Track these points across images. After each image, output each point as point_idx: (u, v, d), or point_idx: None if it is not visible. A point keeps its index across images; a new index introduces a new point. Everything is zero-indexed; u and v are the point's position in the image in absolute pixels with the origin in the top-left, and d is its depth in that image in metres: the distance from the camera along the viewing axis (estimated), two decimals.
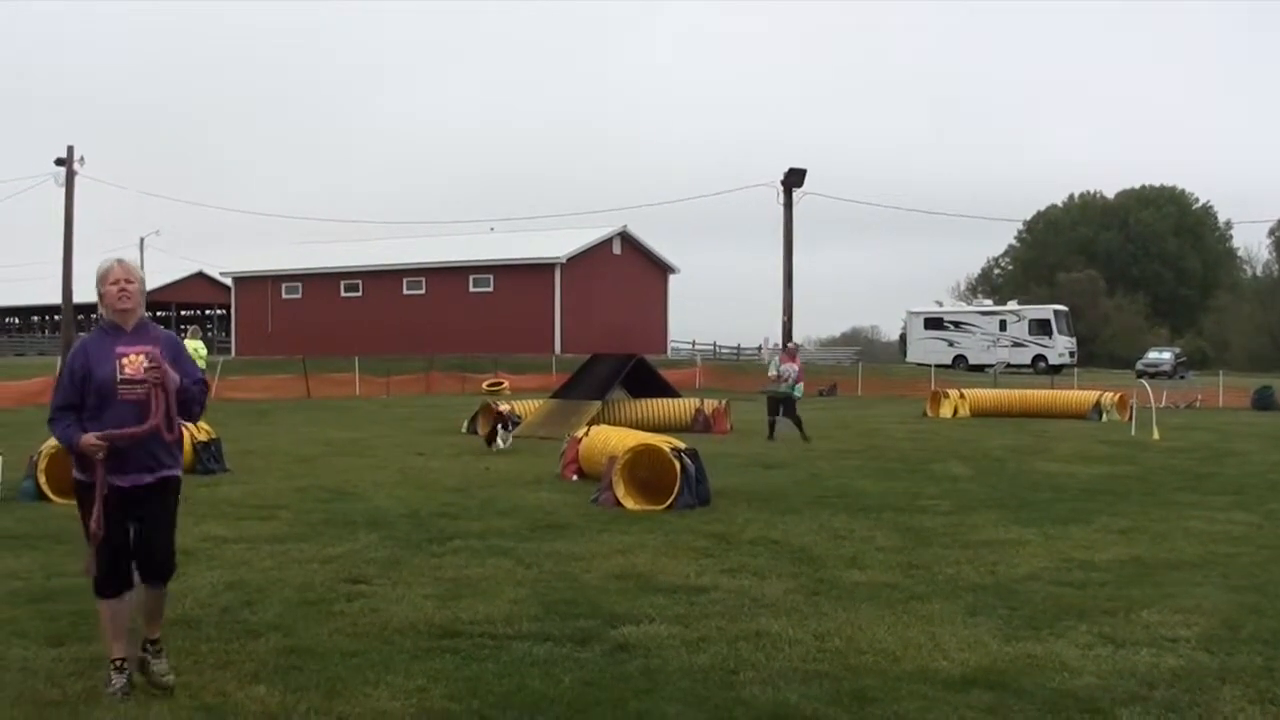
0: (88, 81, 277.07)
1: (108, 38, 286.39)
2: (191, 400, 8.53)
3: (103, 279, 8.39)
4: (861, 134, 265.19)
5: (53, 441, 18.27)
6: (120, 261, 8.46)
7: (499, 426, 27.89)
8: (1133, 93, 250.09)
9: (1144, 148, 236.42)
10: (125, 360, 8.13)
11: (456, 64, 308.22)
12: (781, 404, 31.61)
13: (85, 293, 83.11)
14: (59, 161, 68.21)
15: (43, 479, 17.83)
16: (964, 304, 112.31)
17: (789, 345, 36.19)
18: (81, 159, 68.37)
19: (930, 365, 76.28)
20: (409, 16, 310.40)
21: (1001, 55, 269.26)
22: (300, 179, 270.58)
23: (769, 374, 32.93)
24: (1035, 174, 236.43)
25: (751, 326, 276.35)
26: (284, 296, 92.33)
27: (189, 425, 21.82)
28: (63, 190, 68.02)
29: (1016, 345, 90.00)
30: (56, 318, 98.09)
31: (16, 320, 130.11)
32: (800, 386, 32.24)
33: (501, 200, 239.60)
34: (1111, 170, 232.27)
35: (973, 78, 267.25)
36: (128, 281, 8.36)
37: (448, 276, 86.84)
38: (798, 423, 30.94)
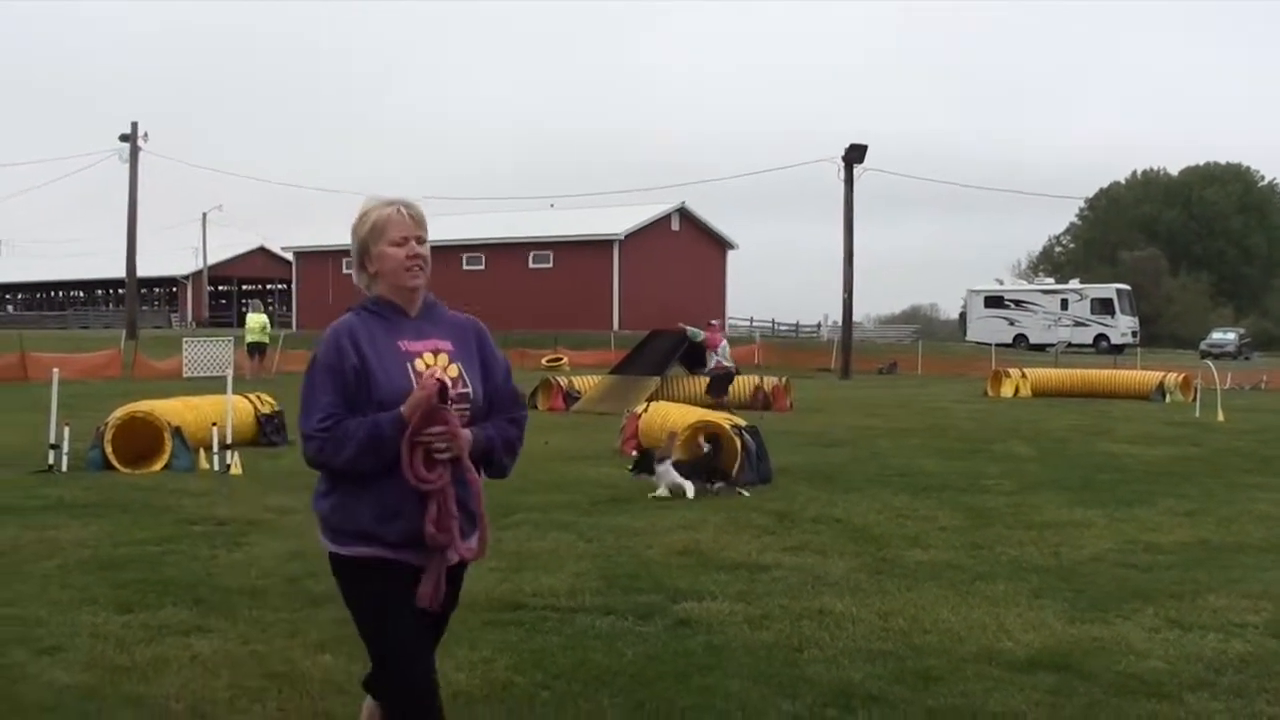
0: (152, 58, 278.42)
1: (171, 12, 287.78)
2: (511, 442, 5.72)
3: (375, 231, 5.57)
4: (924, 109, 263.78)
5: (119, 412, 18.51)
6: (404, 206, 5.60)
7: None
8: (1197, 69, 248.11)
9: (1208, 124, 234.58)
10: (418, 363, 5.40)
11: (514, 40, 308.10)
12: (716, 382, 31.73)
13: (148, 267, 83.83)
14: (123, 137, 68.68)
15: (109, 449, 17.99)
16: (1025, 282, 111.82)
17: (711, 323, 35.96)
18: (145, 135, 68.84)
19: (990, 344, 75.89)
20: None
21: (1064, 29, 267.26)
22: (361, 155, 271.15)
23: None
24: (1097, 151, 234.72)
25: (810, 304, 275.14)
26: (344, 271, 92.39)
27: (251, 397, 22.09)
28: (127, 165, 68.45)
29: (1078, 324, 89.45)
30: (120, 291, 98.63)
31: (81, 294, 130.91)
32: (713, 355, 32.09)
33: (561, 177, 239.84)
34: (1175, 147, 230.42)
35: (1035, 52, 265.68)
36: (419, 240, 5.59)
37: (507, 253, 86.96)
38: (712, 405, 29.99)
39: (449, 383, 5.26)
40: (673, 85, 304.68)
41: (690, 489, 15.95)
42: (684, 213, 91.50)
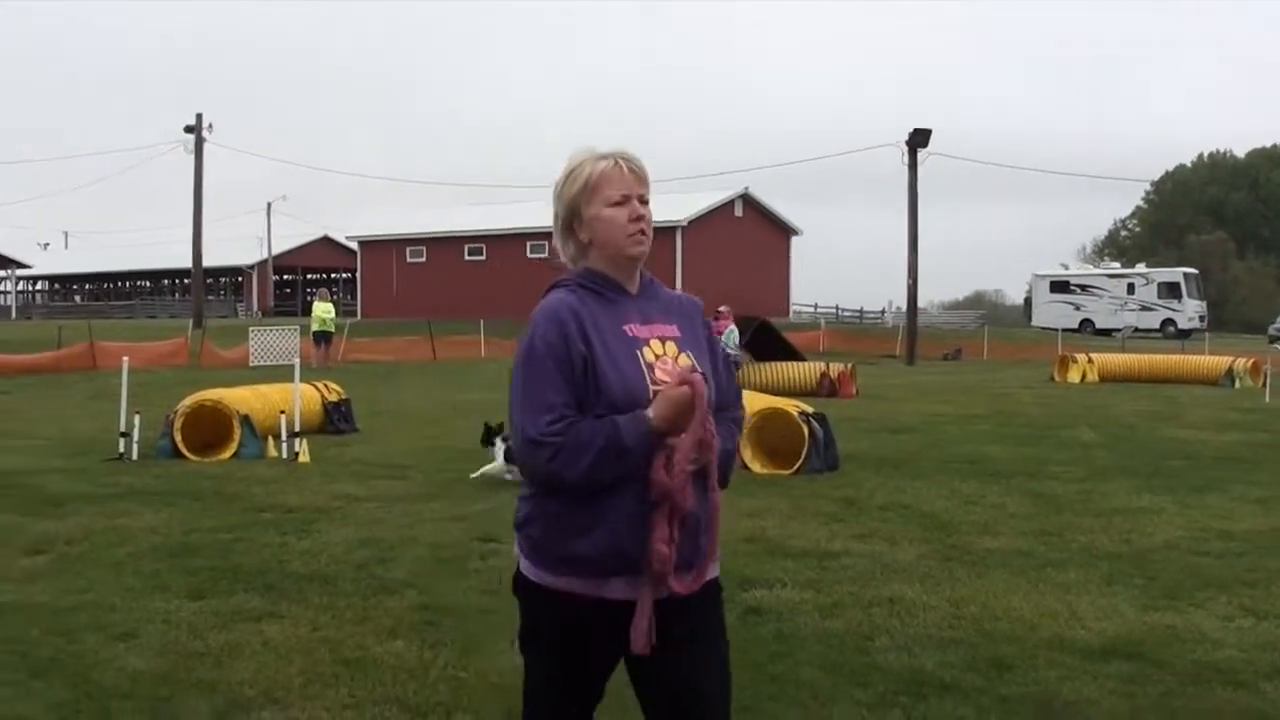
0: (217, 50, 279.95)
1: (236, 4, 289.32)
2: (733, 451, 4.75)
3: (589, 190, 4.61)
4: (988, 94, 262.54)
5: (188, 400, 18.63)
6: (622, 159, 4.64)
7: None
8: (1263, 49, 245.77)
9: (1275, 106, 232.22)
10: (646, 350, 4.41)
11: (578, 23, 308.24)
12: None
13: (213, 257, 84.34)
14: (188, 129, 69.04)
15: (178, 437, 18.10)
16: (1091, 267, 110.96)
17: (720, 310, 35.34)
18: (210, 126, 69.21)
19: (1056, 329, 75.46)
20: None
21: (1129, 10, 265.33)
22: (427, 144, 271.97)
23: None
24: (1163, 133, 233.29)
25: (875, 290, 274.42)
26: (408, 260, 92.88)
27: (318, 385, 22.19)
28: (192, 156, 68.86)
29: (1144, 309, 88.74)
30: (186, 281, 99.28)
31: (148, 284, 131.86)
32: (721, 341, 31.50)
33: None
34: (1242, 129, 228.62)
35: (1099, 35, 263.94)
36: (641, 199, 4.68)
37: None
38: None
39: (706, 379, 4.31)
40: (736, 70, 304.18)
41: (511, 474, 15.48)
42: (747, 199, 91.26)
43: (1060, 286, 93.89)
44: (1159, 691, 7.65)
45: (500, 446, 15.98)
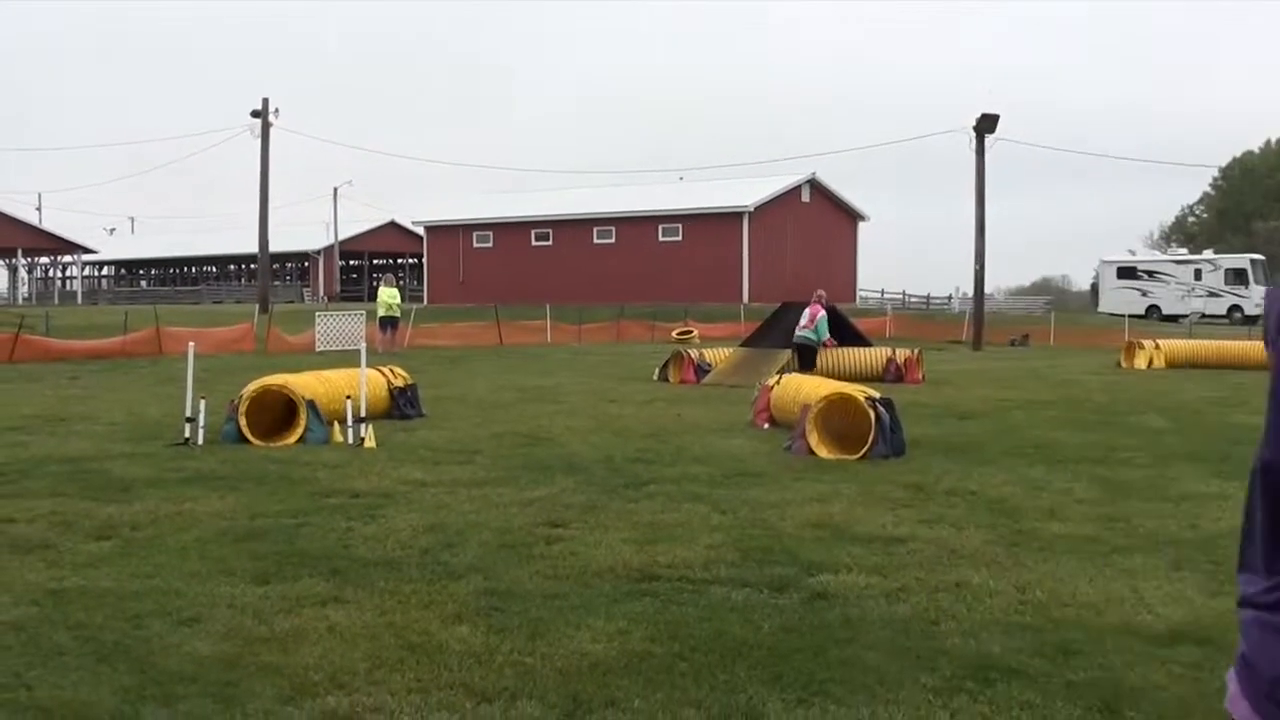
0: (284, 34, 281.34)
1: None
2: None
3: None
4: (1055, 78, 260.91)
5: (253, 385, 18.73)
6: None
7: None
8: None
9: None
10: None
11: (646, 12, 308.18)
12: (801, 353, 31.02)
13: (279, 242, 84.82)
14: (254, 113, 69.35)
15: (243, 422, 18.18)
16: (1158, 253, 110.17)
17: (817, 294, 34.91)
18: (276, 110, 69.48)
19: (1123, 315, 74.95)
20: None
21: None
22: (490, 131, 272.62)
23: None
24: (1231, 119, 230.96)
25: (942, 275, 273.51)
26: (475, 245, 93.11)
27: (384, 370, 22.26)
28: (259, 141, 69.18)
29: (1212, 295, 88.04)
30: (252, 266, 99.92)
31: (214, 269, 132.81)
32: (810, 333, 31.24)
33: (691, 149, 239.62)
34: None
35: (1167, 19, 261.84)
36: None
37: (637, 226, 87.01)
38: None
39: None
40: (803, 55, 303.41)
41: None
42: (814, 184, 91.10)
43: (1127, 272, 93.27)
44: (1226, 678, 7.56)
45: None
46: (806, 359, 30.93)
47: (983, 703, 7.07)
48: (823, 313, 31.69)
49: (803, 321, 31.32)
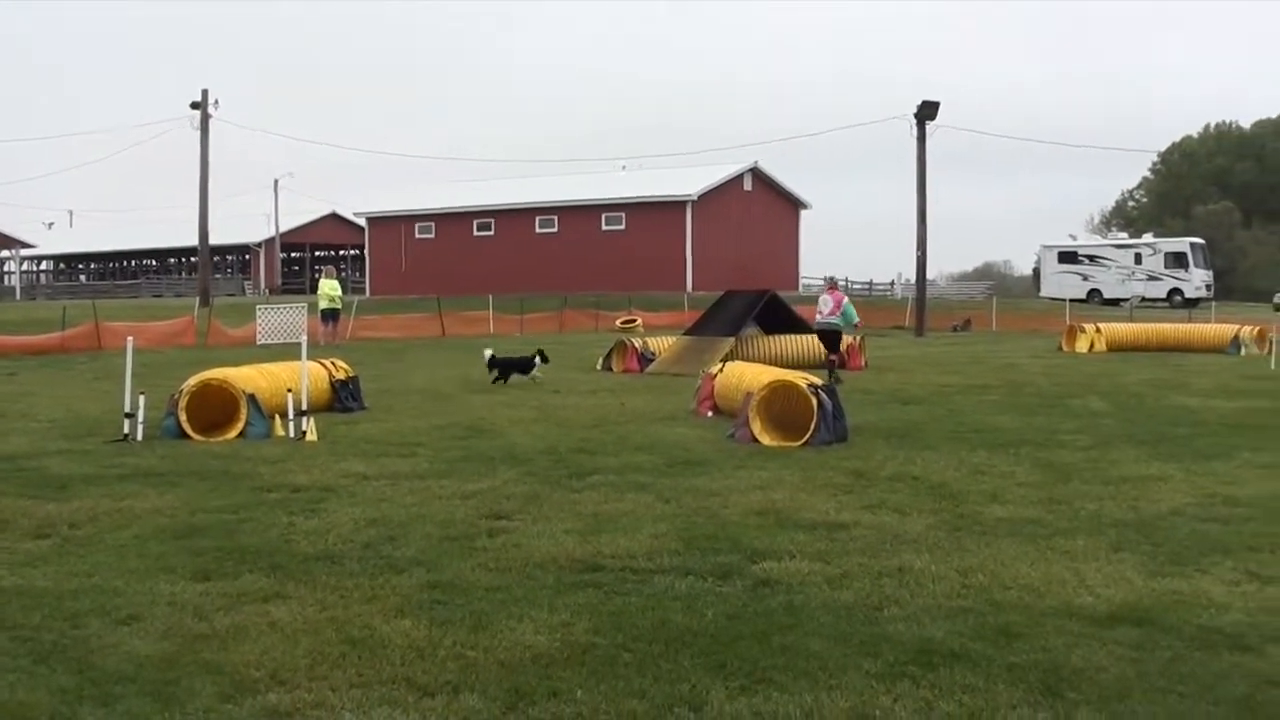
0: (222, 26, 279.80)
1: None
2: None
3: None
4: (995, 65, 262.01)
5: (194, 380, 18.60)
6: None
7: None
8: (1270, 19, 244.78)
9: None
10: None
11: (583, 6, 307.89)
12: (826, 339, 31.14)
13: (220, 234, 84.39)
14: (194, 105, 68.96)
15: (183, 417, 18.05)
16: (1098, 238, 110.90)
17: (828, 278, 35.12)
18: (216, 102, 69.15)
19: (1065, 300, 75.38)
20: None
21: None
22: (432, 120, 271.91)
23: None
24: (1169, 105, 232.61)
25: (884, 262, 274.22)
26: (417, 236, 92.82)
27: (325, 363, 22.17)
28: (198, 133, 68.80)
29: (1152, 279, 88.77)
30: (192, 259, 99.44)
31: (154, 262, 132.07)
32: (836, 319, 31.29)
33: (633, 139, 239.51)
34: (1248, 100, 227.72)
35: (1106, 6, 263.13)
36: None
37: (580, 215, 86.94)
38: (831, 363, 30.54)
39: None
40: (745, 43, 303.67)
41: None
42: (756, 172, 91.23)
43: (1068, 257, 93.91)
44: (1166, 657, 7.65)
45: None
46: (833, 344, 30.96)
47: (925, 687, 7.09)
48: (846, 299, 31.89)
49: (825, 310, 31.26)
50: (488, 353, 28.68)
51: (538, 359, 28.45)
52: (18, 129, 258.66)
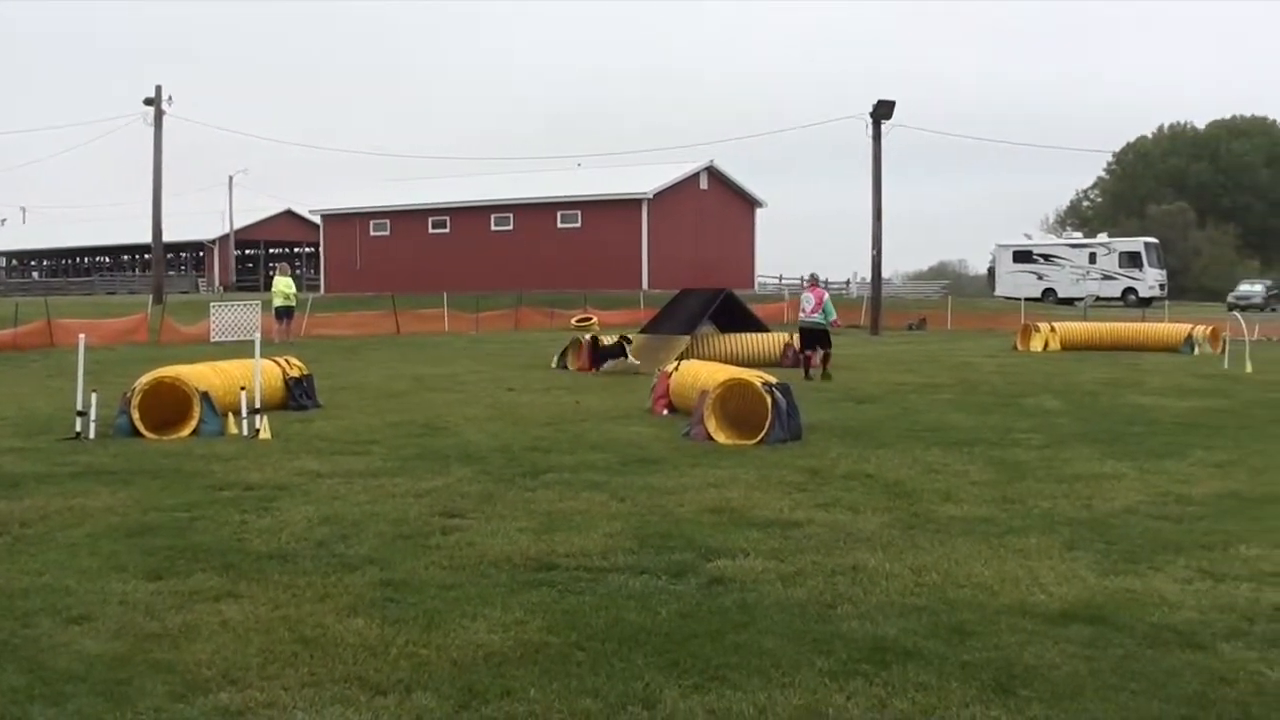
0: (179, 21, 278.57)
1: None
2: None
3: None
4: (950, 65, 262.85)
5: (146, 377, 18.50)
6: None
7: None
8: (1223, 21, 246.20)
9: (1235, 77, 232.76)
10: None
11: (541, 3, 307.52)
12: (809, 337, 31.19)
13: (174, 231, 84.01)
14: (148, 101, 68.60)
15: (136, 415, 17.96)
16: (1053, 237, 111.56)
17: (810, 275, 35.37)
18: (170, 98, 68.80)
19: (1019, 299, 75.74)
20: None
21: None
22: (388, 118, 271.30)
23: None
24: (1124, 105, 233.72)
25: (840, 261, 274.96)
26: (372, 234, 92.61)
27: (279, 360, 22.09)
28: (152, 129, 68.44)
29: (1106, 278, 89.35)
30: (146, 256, 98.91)
31: (107, 259, 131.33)
32: (819, 317, 31.32)
33: (589, 137, 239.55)
34: (1202, 101, 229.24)
35: (1060, 5, 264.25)
36: None
37: (535, 212, 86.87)
38: (824, 358, 30.65)
39: None
40: (701, 41, 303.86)
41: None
42: (712, 171, 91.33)
43: (1023, 256, 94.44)
44: (1118, 654, 7.68)
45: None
46: (818, 341, 30.98)
47: (878, 685, 7.10)
48: (828, 296, 32.02)
49: (809, 307, 31.34)
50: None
51: (625, 344, 30.22)
52: None
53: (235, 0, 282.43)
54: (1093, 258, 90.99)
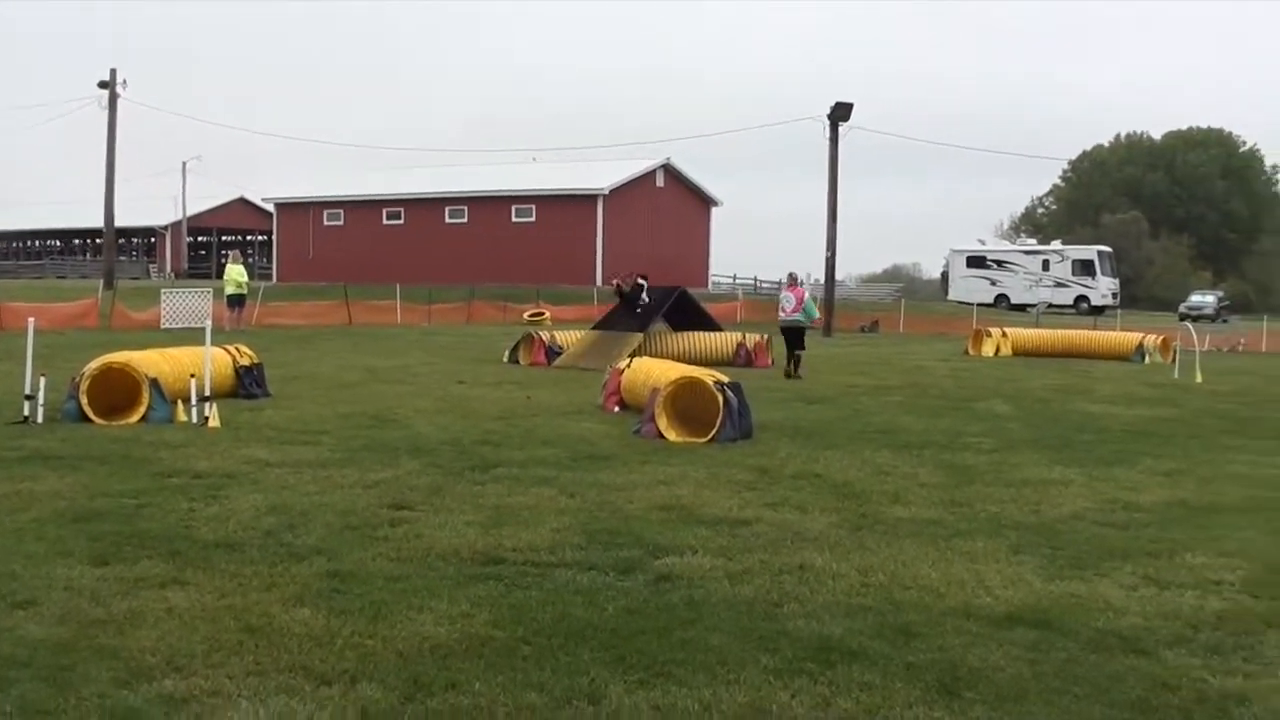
0: (132, 4, 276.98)
1: None
2: None
3: None
4: (910, 70, 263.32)
5: (96, 363, 18.39)
6: None
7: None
8: (1181, 33, 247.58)
9: (1191, 88, 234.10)
10: None
11: None
12: (789, 336, 31.30)
13: (126, 217, 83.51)
14: (102, 84, 68.16)
15: (85, 400, 17.86)
16: (1007, 243, 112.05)
17: (789, 275, 35.66)
18: (124, 82, 68.34)
19: (972, 304, 76.05)
20: None
21: None
22: (343, 107, 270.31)
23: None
24: (1081, 114, 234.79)
25: (794, 261, 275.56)
26: (326, 223, 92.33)
27: (230, 348, 22.01)
28: (106, 113, 68.02)
29: (1059, 285, 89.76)
30: (98, 241, 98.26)
31: (58, 243, 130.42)
32: (800, 317, 31.48)
33: (545, 131, 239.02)
34: (1158, 111, 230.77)
35: (1019, 12, 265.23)
36: None
37: (490, 206, 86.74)
38: (796, 359, 30.79)
39: None
40: (659, 39, 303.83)
41: None
42: (669, 169, 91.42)
43: (977, 262, 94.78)
44: (1062, 659, 7.72)
45: None
46: (797, 341, 31.07)
47: (823, 684, 7.12)
48: (808, 295, 32.14)
49: (789, 307, 31.41)
50: None
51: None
52: None
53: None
54: (1046, 265, 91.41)
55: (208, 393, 18.42)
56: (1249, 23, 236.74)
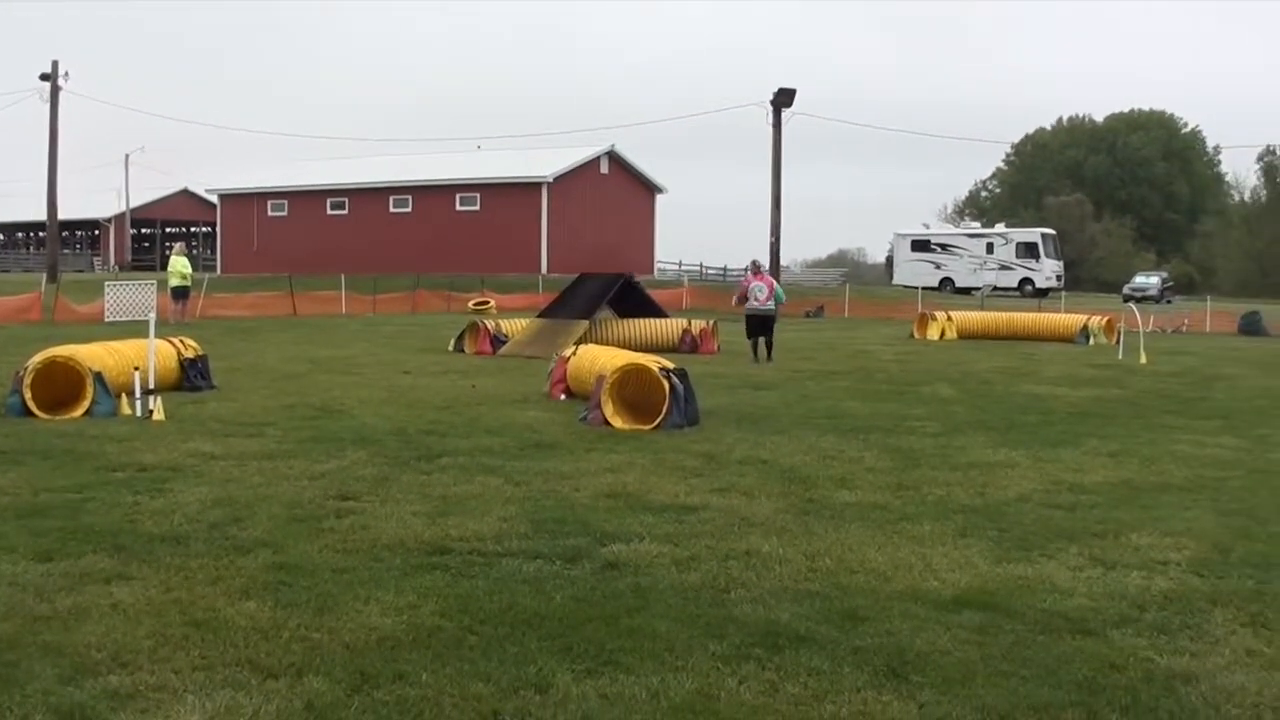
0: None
1: None
2: None
3: None
4: (852, 55, 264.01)
5: (39, 357, 18.27)
6: None
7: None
8: (1123, 16, 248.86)
9: (1133, 71, 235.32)
10: None
11: None
12: (759, 324, 31.39)
13: (69, 209, 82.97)
14: (44, 76, 67.72)
15: (28, 395, 17.73)
16: (951, 227, 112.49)
17: (752, 263, 35.90)
18: (66, 74, 67.95)
19: (917, 287, 76.24)
20: None
21: None
22: (287, 96, 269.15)
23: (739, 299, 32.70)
24: (1023, 97, 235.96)
25: (738, 247, 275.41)
26: (270, 214, 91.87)
27: (174, 341, 21.89)
28: (47, 105, 67.57)
29: (1003, 268, 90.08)
30: (40, 234, 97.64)
31: (1, 236, 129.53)
32: (772, 305, 31.54)
33: (488, 119, 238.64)
34: (1100, 94, 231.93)
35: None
36: None
37: (434, 195, 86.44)
38: (768, 345, 30.94)
39: None
40: (603, 27, 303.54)
41: None
42: (613, 156, 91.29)
43: (921, 245, 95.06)
44: (1009, 641, 7.75)
45: None
46: (768, 329, 31.26)
47: (770, 669, 7.13)
48: (776, 282, 32.44)
49: (762, 296, 31.41)
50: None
51: None
52: None
53: None
54: (990, 248, 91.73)
55: (152, 385, 18.32)
56: (1189, 6, 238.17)
